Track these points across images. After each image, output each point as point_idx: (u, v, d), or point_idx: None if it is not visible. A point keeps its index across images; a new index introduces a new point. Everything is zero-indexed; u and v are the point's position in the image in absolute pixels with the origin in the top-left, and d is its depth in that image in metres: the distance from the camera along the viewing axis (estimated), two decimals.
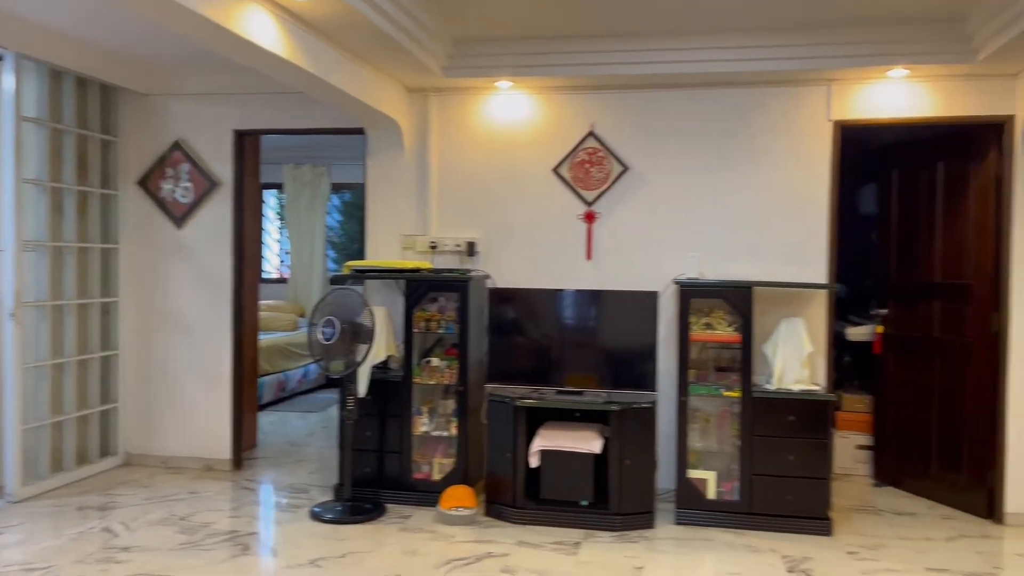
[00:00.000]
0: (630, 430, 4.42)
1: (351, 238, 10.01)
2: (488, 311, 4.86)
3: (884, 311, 5.38)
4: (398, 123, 5.09)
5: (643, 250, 4.95)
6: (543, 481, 4.51)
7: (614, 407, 4.39)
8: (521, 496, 4.50)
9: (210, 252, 5.53)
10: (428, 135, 5.20)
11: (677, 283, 4.59)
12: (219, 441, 5.54)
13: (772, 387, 4.48)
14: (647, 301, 4.60)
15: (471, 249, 5.14)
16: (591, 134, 4.98)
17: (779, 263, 4.79)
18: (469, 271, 4.94)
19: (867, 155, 5.69)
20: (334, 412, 7.61)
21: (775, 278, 4.75)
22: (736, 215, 4.85)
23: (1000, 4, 3.82)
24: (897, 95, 4.66)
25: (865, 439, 5.63)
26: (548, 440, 4.49)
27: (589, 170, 4.97)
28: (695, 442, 4.60)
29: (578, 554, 4.06)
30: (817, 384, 4.61)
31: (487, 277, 5.07)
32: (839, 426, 5.61)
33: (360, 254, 5.47)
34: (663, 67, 4.60)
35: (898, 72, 4.50)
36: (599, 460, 4.45)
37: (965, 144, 4.79)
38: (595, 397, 4.52)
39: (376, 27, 3.87)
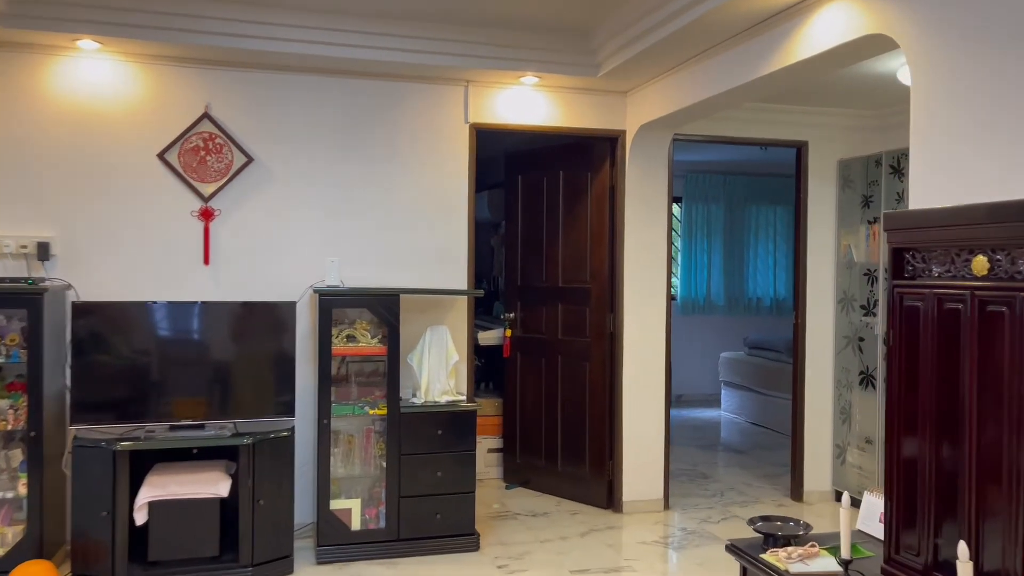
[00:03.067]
0: (264, 464, 3.79)
1: None
2: (71, 331, 3.81)
3: (512, 315, 5.50)
4: None
5: (273, 254, 4.33)
6: (153, 539, 3.64)
7: (245, 440, 3.71)
8: (123, 562, 3.59)
9: None
10: None
11: (317, 291, 4.07)
12: None
13: (419, 401, 4.21)
14: (283, 313, 4.00)
15: (44, 252, 4.00)
16: (206, 116, 4.21)
17: (422, 268, 4.55)
18: (42, 280, 3.84)
19: (482, 162, 5.75)
20: None
21: (420, 284, 4.50)
22: (377, 217, 4.49)
23: (622, 24, 4.03)
24: (528, 102, 4.72)
25: (496, 442, 5.71)
26: (159, 488, 3.65)
27: (205, 159, 4.20)
28: (337, 468, 4.13)
29: None
30: (461, 393, 4.46)
31: (68, 288, 4.00)
32: None
33: None
34: (291, 46, 4.03)
35: (530, 79, 4.56)
36: (226, 503, 3.74)
37: (585, 154, 5.06)
38: (220, 430, 3.79)
39: None
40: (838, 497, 5.27)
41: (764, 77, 3.55)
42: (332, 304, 4.03)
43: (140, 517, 3.61)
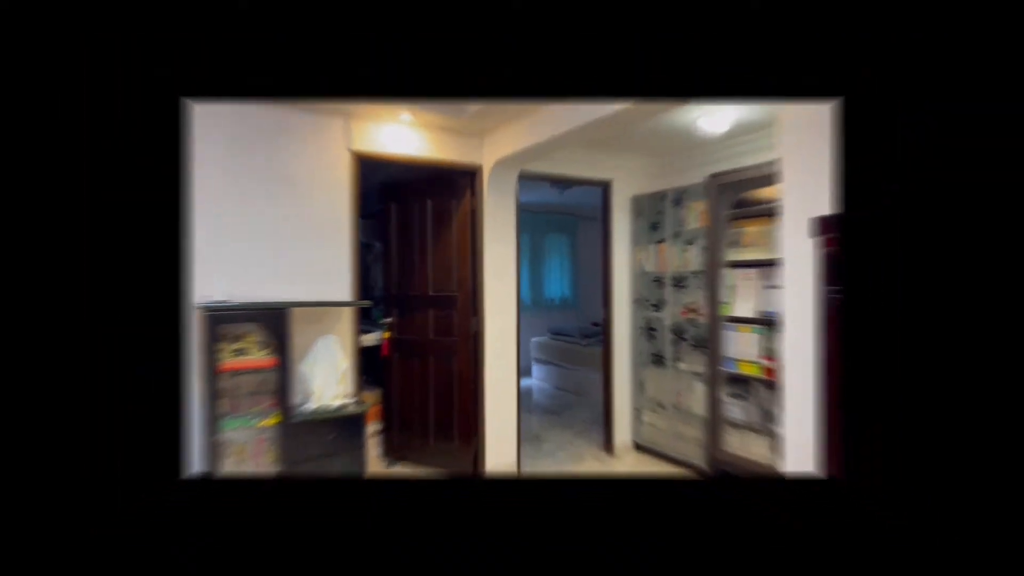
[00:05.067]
0: None
1: None
2: None
3: (389, 319, 4.38)
4: None
5: None
6: None
7: None
8: None
9: None
10: None
11: (203, 308, 2.75)
12: None
13: (312, 407, 3.02)
14: None
15: None
16: None
17: (310, 283, 3.33)
18: None
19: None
20: None
21: (309, 298, 3.29)
22: (268, 237, 3.21)
23: None
24: (404, 136, 3.67)
25: (376, 426, 4.55)
26: None
27: None
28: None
29: None
30: (351, 396, 3.31)
31: None
32: None
33: None
34: None
35: (406, 117, 3.51)
36: None
37: (451, 185, 4.08)
38: None
39: None
40: (638, 447, 4.72)
41: (589, 124, 2.81)
42: (218, 320, 2.73)
43: None
